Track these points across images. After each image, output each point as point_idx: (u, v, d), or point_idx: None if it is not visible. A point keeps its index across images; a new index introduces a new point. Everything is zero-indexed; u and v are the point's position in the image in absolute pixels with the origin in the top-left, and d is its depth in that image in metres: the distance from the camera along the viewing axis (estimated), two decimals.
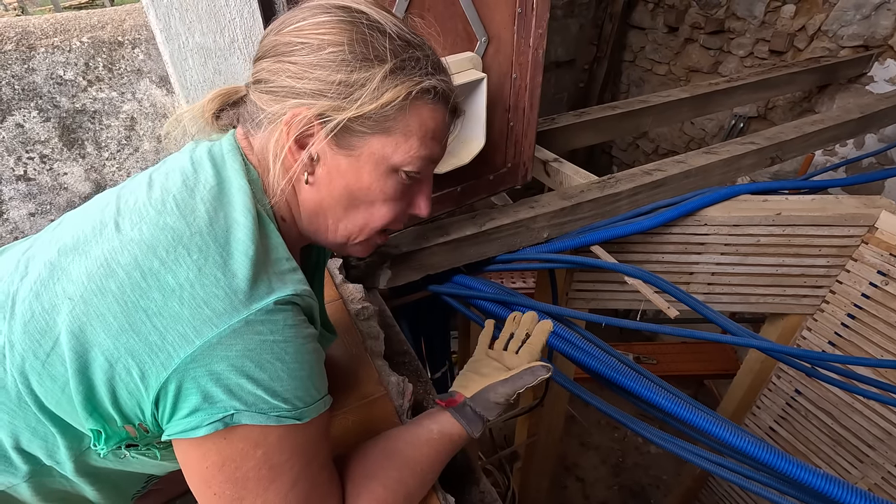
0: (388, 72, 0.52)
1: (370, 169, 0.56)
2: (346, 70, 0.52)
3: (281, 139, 0.53)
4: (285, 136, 0.53)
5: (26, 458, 0.52)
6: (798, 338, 1.82)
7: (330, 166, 0.55)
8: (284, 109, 0.53)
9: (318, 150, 0.55)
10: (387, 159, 0.56)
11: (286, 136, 0.53)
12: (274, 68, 0.54)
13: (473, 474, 0.81)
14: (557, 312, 1.25)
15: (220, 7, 0.85)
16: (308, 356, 0.50)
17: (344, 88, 0.52)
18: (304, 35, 0.53)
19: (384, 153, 0.55)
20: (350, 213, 0.59)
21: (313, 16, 0.54)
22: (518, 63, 1.15)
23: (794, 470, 0.91)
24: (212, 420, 0.46)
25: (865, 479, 1.78)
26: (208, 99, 0.59)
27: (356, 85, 0.52)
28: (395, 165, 0.56)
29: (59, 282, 0.48)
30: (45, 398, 0.49)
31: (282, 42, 0.54)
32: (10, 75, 0.93)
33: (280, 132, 0.53)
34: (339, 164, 0.55)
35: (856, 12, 2.46)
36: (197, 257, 0.47)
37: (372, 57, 0.52)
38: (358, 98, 0.52)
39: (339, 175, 0.56)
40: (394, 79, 0.53)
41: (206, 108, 0.59)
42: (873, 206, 1.47)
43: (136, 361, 0.45)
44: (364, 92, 0.52)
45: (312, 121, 0.52)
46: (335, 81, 0.52)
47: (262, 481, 0.49)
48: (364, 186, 0.56)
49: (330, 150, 0.55)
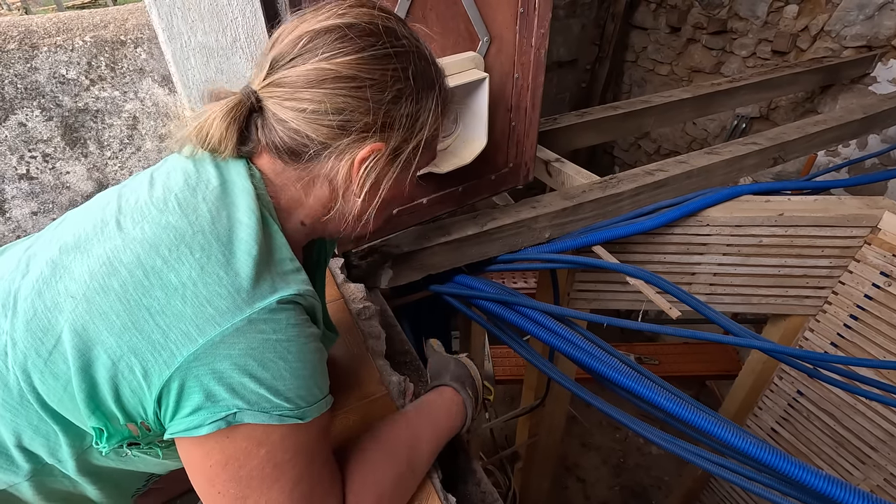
0: (436, 97, 0.58)
1: (405, 176, 0.62)
2: (411, 103, 0.56)
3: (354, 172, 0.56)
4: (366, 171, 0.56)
5: (28, 457, 0.52)
6: (800, 339, 1.82)
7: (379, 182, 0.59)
8: (359, 146, 0.54)
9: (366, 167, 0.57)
10: (420, 167, 0.63)
11: (367, 171, 0.56)
12: (339, 102, 0.52)
13: (474, 475, 0.80)
14: (559, 313, 1.25)
15: (223, 6, 0.85)
16: (311, 355, 0.50)
17: (411, 120, 0.56)
18: (369, 69, 0.52)
19: (420, 164, 0.62)
20: (380, 213, 0.64)
21: (372, 46, 0.53)
22: (520, 63, 1.15)
23: (796, 471, 0.91)
24: (214, 419, 0.46)
25: (867, 480, 1.77)
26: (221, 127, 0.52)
27: (419, 114, 0.57)
28: (419, 167, 0.63)
29: (62, 280, 0.49)
30: (47, 396, 0.49)
31: (344, 75, 0.51)
32: (13, 74, 0.93)
33: (350, 165, 0.55)
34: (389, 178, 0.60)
35: (859, 12, 2.45)
36: (199, 256, 0.47)
37: (426, 86, 0.57)
38: (422, 127, 0.58)
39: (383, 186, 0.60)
40: (441, 102, 0.59)
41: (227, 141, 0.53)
42: (876, 207, 1.46)
43: (138, 359, 0.46)
44: (425, 120, 0.58)
45: (389, 154, 0.56)
46: (404, 115, 0.55)
47: (266, 480, 0.49)
48: (401, 192, 0.63)
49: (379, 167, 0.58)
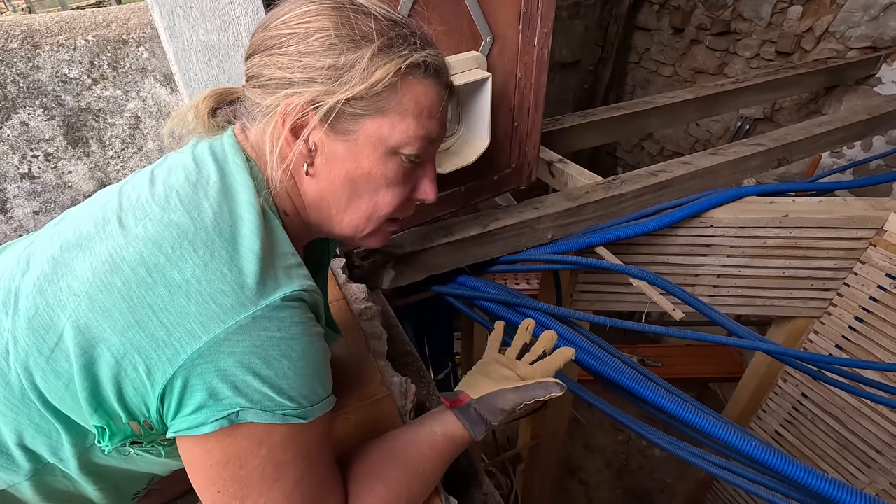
0: (375, 50, 0.52)
1: (368, 152, 0.55)
2: (333, 54, 0.51)
3: (276, 130, 0.53)
4: (280, 127, 0.53)
5: (29, 456, 0.52)
6: (805, 341, 1.81)
7: (328, 154, 0.55)
8: (277, 101, 0.53)
9: (316, 140, 0.54)
10: (384, 141, 0.54)
11: (281, 126, 0.53)
12: (264, 62, 0.54)
13: (476, 476, 0.80)
14: (562, 314, 1.25)
15: (224, 5, 0.85)
16: (315, 354, 0.50)
17: (333, 72, 0.51)
18: (290, 26, 0.53)
19: (381, 134, 0.54)
20: (354, 202, 0.58)
21: (298, 7, 0.54)
22: (523, 63, 1.14)
23: (801, 474, 0.90)
24: (217, 417, 0.45)
25: (873, 484, 1.76)
26: (203, 97, 0.59)
27: (345, 67, 0.51)
28: (393, 147, 0.55)
29: (64, 278, 0.48)
30: (49, 394, 0.48)
31: (270, 36, 0.54)
32: (16, 73, 0.93)
33: (275, 123, 0.53)
34: (337, 150, 0.55)
35: (864, 13, 2.44)
36: (203, 253, 0.47)
37: (359, 38, 0.52)
38: (348, 80, 0.51)
39: (338, 162, 0.55)
40: (382, 56, 0.52)
41: (201, 107, 0.58)
42: (881, 209, 1.46)
43: (142, 357, 0.45)
44: (353, 73, 0.51)
45: (305, 108, 0.52)
46: (324, 66, 0.51)
47: (266, 480, 0.48)
48: (364, 172, 0.55)
49: (326, 137, 0.54)
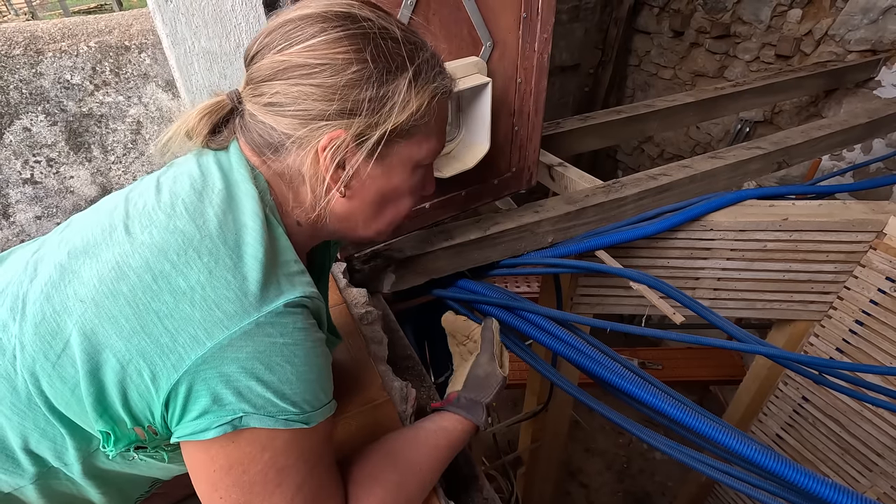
0: (411, 79, 0.54)
1: (400, 171, 0.60)
2: (373, 86, 0.52)
3: (323, 163, 0.53)
4: (328, 161, 0.53)
5: (34, 460, 0.53)
6: (805, 344, 1.81)
7: (362, 175, 0.57)
8: (318, 134, 0.52)
9: (352, 164, 0.56)
10: (413, 159, 0.60)
11: (329, 160, 0.53)
12: (294, 92, 0.52)
13: (477, 480, 0.80)
14: (562, 317, 1.25)
15: (226, 12, 0.85)
16: (317, 360, 0.51)
17: (375, 104, 0.53)
18: (320, 55, 0.51)
19: (412, 155, 0.59)
20: (380, 214, 0.62)
21: (323, 32, 0.51)
22: (523, 67, 1.15)
23: (801, 479, 0.90)
24: (221, 422, 0.46)
25: (874, 488, 1.75)
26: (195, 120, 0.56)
27: (386, 98, 0.53)
28: (420, 162, 0.61)
29: (71, 284, 0.49)
30: (55, 399, 0.49)
31: (294, 63, 0.51)
32: (18, 79, 0.94)
33: (313, 155, 0.53)
34: (373, 173, 0.58)
35: (863, 16, 2.44)
36: (207, 260, 0.47)
37: (393, 68, 0.53)
38: (390, 112, 0.54)
39: (371, 182, 0.58)
40: (417, 85, 0.55)
41: (197, 132, 0.56)
42: (881, 212, 1.46)
43: (147, 363, 0.46)
44: (394, 104, 0.54)
45: (350, 141, 0.53)
46: (366, 99, 0.52)
47: (269, 485, 0.49)
48: (395, 187, 0.60)
49: (363, 163, 0.56)
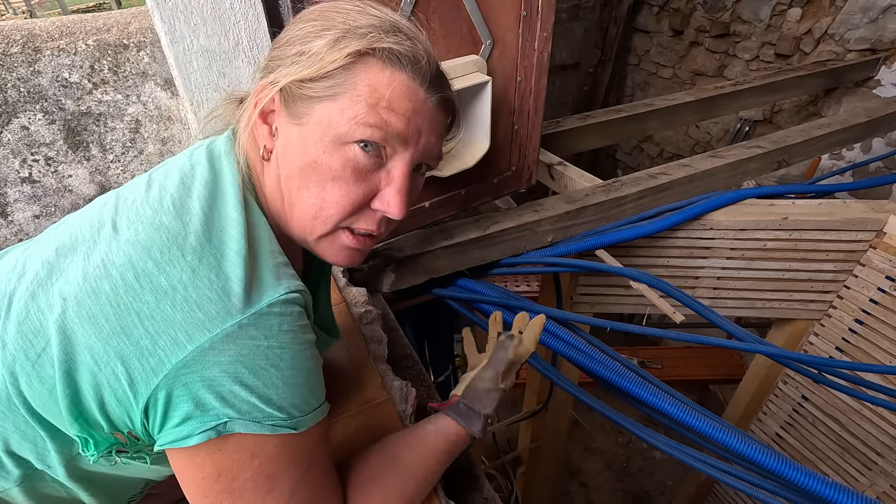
0: (338, 36, 0.50)
1: (316, 138, 0.51)
2: (305, 42, 0.52)
3: (249, 111, 0.55)
4: (252, 108, 0.54)
5: (17, 462, 0.52)
6: (805, 343, 1.81)
7: (283, 139, 0.53)
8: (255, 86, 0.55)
9: (277, 124, 0.54)
10: (333, 127, 0.50)
11: (253, 108, 0.54)
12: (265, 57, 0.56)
13: (477, 480, 0.80)
14: (562, 317, 1.25)
15: (225, 10, 0.85)
16: (305, 363, 0.49)
17: (297, 56, 0.52)
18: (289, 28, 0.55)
19: (330, 120, 0.50)
20: (302, 195, 0.52)
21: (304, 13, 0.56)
22: (523, 66, 1.14)
23: (801, 477, 0.90)
24: (204, 428, 0.44)
25: (873, 487, 1.76)
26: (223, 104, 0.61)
27: (307, 52, 0.51)
28: (341, 135, 0.50)
29: (57, 282, 0.48)
30: (34, 400, 0.48)
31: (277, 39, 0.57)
32: (16, 78, 0.94)
33: (250, 107, 0.54)
34: (290, 135, 0.52)
35: (863, 15, 2.44)
36: (191, 258, 0.46)
37: (330, 27, 0.51)
38: (302, 62, 0.50)
39: (289, 147, 0.52)
40: (342, 41, 0.50)
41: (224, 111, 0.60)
42: (881, 211, 1.46)
43: (124, 366, 0.44)
44: (308, 55, 0.50)
45: (267, 87, 0.53)
46: (293, 53, 0.52)
47: (260, 491, 0.48)
48: (311, 159, 0.51)
49: (284, 122, 0.53)
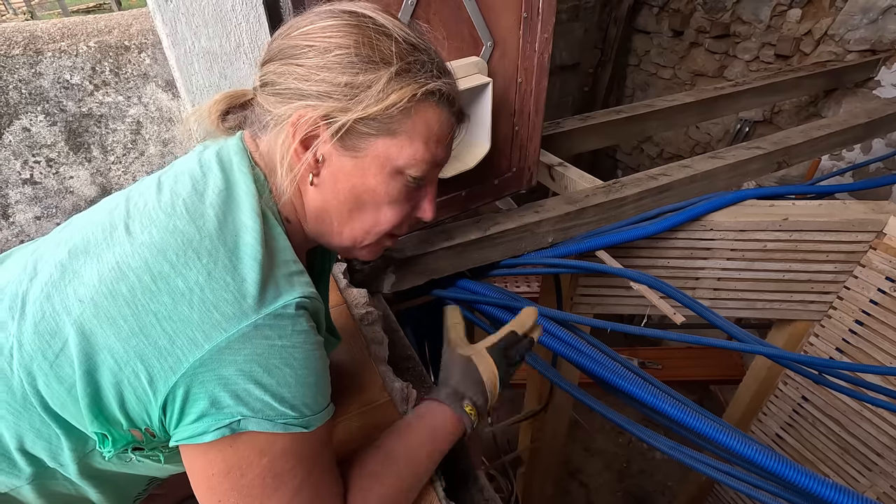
0: (393, 74, 0.53)
1: (375, 171, 0.56)
2: (351, 72, 0.52)
3: (287, 141, 0.54)
4: (291, 138, 0.53)
5: (30, 460, 0.52)
6: (805, 344, 1.81)
7: (335, 168, 0.56)
8: (290, 111, 0.53)
9: (324, 152, 0.55)
10: (392, 161, 0.56)
11: (292, 137, 0.53)
12: (281, 71, 0.54)
13: (476, 480, 0.80)
14: (562, 317, 1.25)
15: (227, 12, 0.85)
16: (316, 363, 0.50)
17: (349, 90, 0.52)
18: (311, 38, 0.53)
19: (389, 155, 0.55)
20: (355, 216, 0.58)
21: (321, 20, 0.54)
22: (523, 67, 1.15)
23: (801, 478, 0.90)
24: (219, 426, 0.46)
25: (874, 487, 1.76)
26: (215, 100, 0.59)
27: (362, 87, 0.52)
28: (399, 168, 0.56)
29: (71, 284, 0.49)
30: (51, 399, 0.49)
31: (289, 45, 0.54)
32: (18, 79, 0.94)
33: (286, 134, 0.54)
34: (345, 165, 0.55)
35: (863, 16, 2.45)
36: (207, 261, 0.47)
37: (378, 59, 0.53)
38: (363, 100, 0.52)
39: (344, 177, 0.56)
40: (399, 81, 0.53)
41: (213, 110, 0.59)
42: (881, 212, 1.46)
43: (144, 365, 0.45)
44: (369, 93, 0.52)
45: (318, 122, 0.53)
46: (341, 83, 0.52)
47: (267, 489, 0.48)
48: (370, 188, 0.57)
49: (335, 151, 0.55)
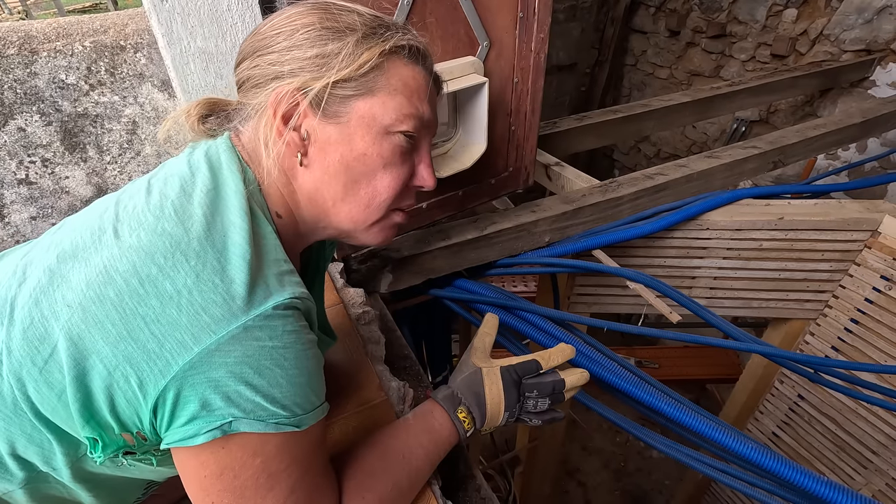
0: (360, 37, 0.54)
1: (363, 133, 0.55)
2: (319, 44, 0.53)
3: (268, 121, 0.54)
4: (272, 118, 0.54)
5: (22, 465, 0.52)
6: (801, 343, 1.81)
7: (321, 140, 0.55)
8: (268, 94, 0.54)
9: (308, 128, 0.55)
10: (378, 120, 0.55)
11: (272, 116, 0.54)
12: (254, 64, 0.56)
13: (474, 480, 0.80)
14: (559, 317, 1.25)
15: (222, 12, 0.85)
16: (307, 362, 0.50)
17: (320, 60, 0.53)
18: (277, 27, 0.55)
19: (374, 114, 0.55)
20: (350, 191, 0.57)
21: (284, 11, 0.57)
22: (520, 67, 1.15)
23: (797, 476, 0.90)
24: (210, 428, 0.45)
25: (869, 485, 1.76)
26: (195, 104, 0.59)
27: (331, 55, 0.53)
28: (387, 126, 0.56)
29: (59, 289, 0.48)
30: (41, 405, 0.48)
31: (258, 40, 0.56)
32: (13, 79, 0.93)
33: (267, 116, 0.54)
34: (330, 135, 0.55)
35: (858, 16, 2.46)
36: (195, 263, 0.46)
37: (343, 28, 0.54)
38: (334, 65, 0.53)
39: (331, 147, 0.55)
40: (367, 41, 0.54)
41: (191, 112, 0.58)
42: (876, 211, 1.46)
43: (134, 369, 0.45)
44: (340, 58, 0.53)
45: (295, 94, 0.53)
46: (311, 55, 0.53)
47: (260, 490, 0.48)
48: (360, 153, 0.55)
49: (319, 124, 0.55)
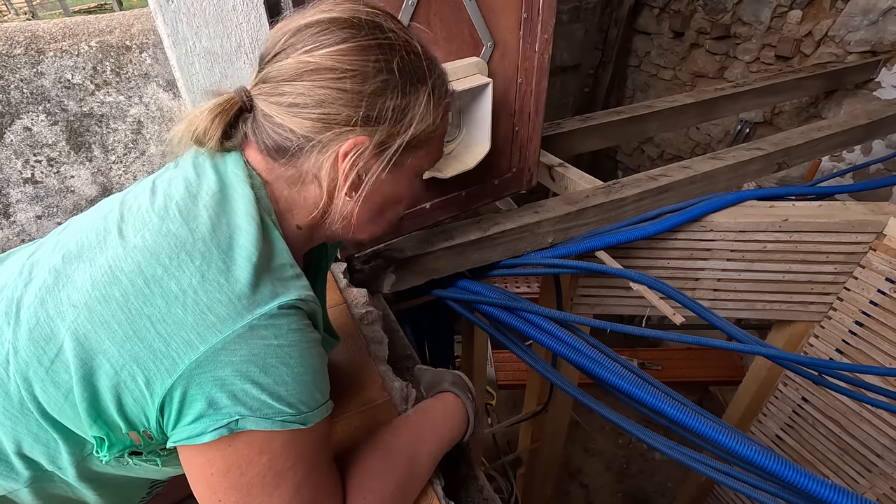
0: (429, 92, 0.56)
1: (408, 180, 0.61)
2: (398, 96, 0.54)
3: (337, 167, 0.54)
4: (349, 166, 0.54)
5: (28, 464, 0.52)
6: (805, 345, 1.81)
7: (374, 181, 0.57)
8: (342, 139, 0.53)
9: (365, 170, 0.56)
10: (421, 168, 0.62)
11: (350, 166, 0.54)
12: (320, 94, 0.51)
13: (476, 481, 0.80)
14: (562, 318, 1.25)
15: (227, 12, 0.85)
16: (312, 360, 0.50)
17: (398, 114, 0.55)
18: (350, 61, 0.51)
19: (421, 164, 0.61)
20: (378, 216, 0.63)
21: (354, 38, 0.52)
22: (524, 68, 1.15)
23: (801, 479, 0.90)
24: (217, 426, 0.46)
25: (874, 489, 1.76)
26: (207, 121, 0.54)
27: (407, 109, 0.55)
28: (423, 170, 0.63)
29: (64, 289, 0.49)
30: (48, 405, 0.49)
31: (324, 66, 0.51)
32: (19, 79, 0.94)
33: (333, 160, 0.54)
34: (383, 180, 0.58)
35: (863, 18, 2.45)
36: (200, 263, 0.47)
37: (415, 80, 0.55)
38: (410, 122, 0.56)
39: (380, 187, 0.59)
40: (434, 98, 0.57)
41: (210, 135, 0.54)
42: (881, 213, 1.46)
43: (140, 368, 0.46)
44: (414, 115, 0.56)
45: (373, 149, 0.54)
46: (390, 108, 0.54)
47: (267, 487, 0.49)
48: (398, 194, 0.62)
49: (377, 168, 0.57)
